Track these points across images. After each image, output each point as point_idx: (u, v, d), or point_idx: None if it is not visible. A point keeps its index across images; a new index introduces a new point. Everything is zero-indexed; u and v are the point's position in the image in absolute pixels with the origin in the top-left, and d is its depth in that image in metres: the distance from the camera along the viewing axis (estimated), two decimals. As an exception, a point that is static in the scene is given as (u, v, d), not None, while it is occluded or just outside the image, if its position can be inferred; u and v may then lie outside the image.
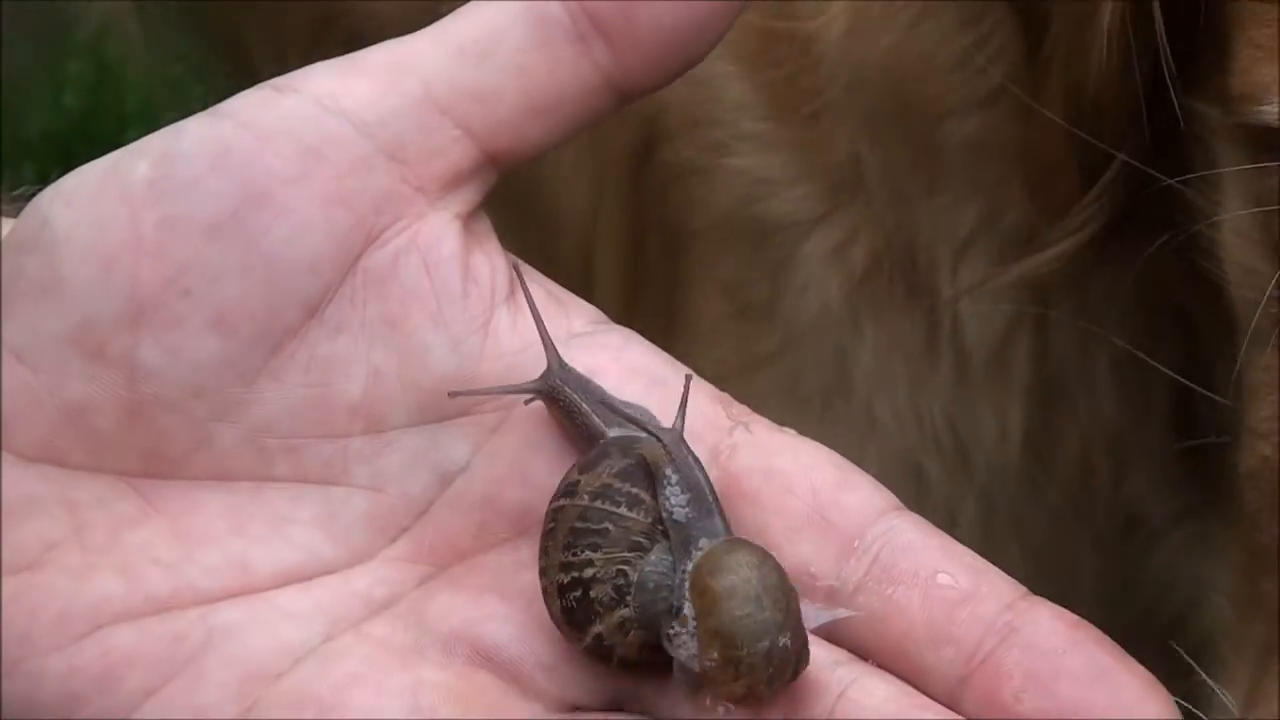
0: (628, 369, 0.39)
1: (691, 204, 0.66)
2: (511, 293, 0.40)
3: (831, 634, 0.37)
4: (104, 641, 0.37)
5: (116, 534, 0.38)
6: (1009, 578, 0.36)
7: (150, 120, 1.10)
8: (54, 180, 0.39)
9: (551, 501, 0.37)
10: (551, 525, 0.37)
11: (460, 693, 0.37)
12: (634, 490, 0.37)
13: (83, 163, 0.39)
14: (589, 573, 0.36)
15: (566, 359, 0.39)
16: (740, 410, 0.39)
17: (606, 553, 0.36)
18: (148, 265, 0.37)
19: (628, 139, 0.69)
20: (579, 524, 0.37)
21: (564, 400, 0.38)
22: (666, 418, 0.38)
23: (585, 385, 0.38)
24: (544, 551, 0.37)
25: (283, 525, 0.39)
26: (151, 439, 0.38)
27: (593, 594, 0.36)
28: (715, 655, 0.35)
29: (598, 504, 0.37)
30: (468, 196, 0.40)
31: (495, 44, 0.39)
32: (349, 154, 0.38)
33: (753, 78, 0.63)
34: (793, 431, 0.39)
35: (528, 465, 0.39)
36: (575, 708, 0.37)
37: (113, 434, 0.38)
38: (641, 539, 0.37)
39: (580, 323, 0.40)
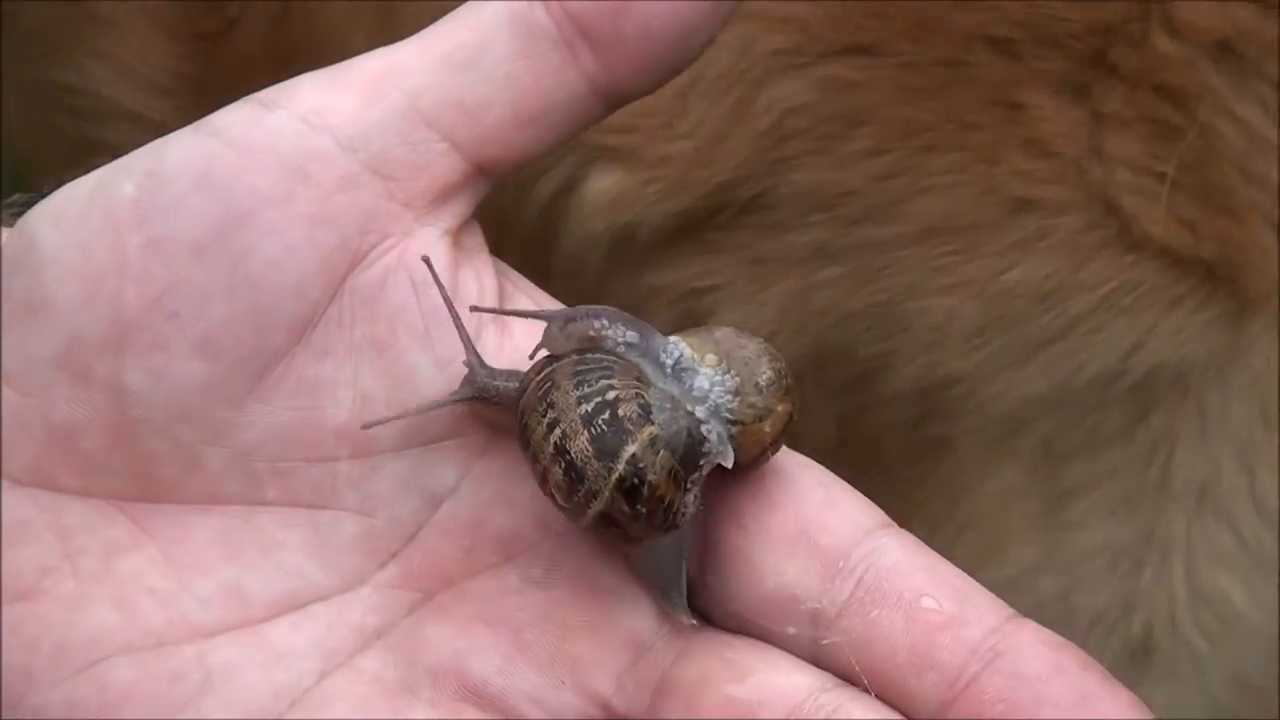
0: None
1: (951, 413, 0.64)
2: (500, 305, 0.40)
3: (817, 658, 0.36)
4: (102, 677, 0.37)
5: (109, 561, 0.38)
6: (995, 599, 0.36)
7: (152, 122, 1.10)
8: (46, 192, 0.39)
9: (532, 380, 0.37)
10: (546, 386, 0.36)
11: None
12: (600, 353, 0.37)
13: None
14: (611, 395, 0.36)
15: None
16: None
17: (621, 378, 0.36)
18: (133, 287, 0.37)
19: (830, 381, 0.68)
20: (580, 367, 0.37)
21: (496, 394, 0.38)
22: None
23: (515, 375, 0.38)
24: (545, 409, 0.36)
25: (274, 551, 0.39)
26: (140, 462, 0.38)
27: (621, 412, 0.36)
28: (772, 388, 0.37)
29: (587, 356, 0.37)
30: (457, 210, 0.39)
31: (481, 53, 0.38)
32: (334, 172, 0.38)
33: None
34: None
35: (514, 489, 0.38)
36: None
37: (101, 457, 0.38)
38: (637, 375, 0.37)
39: None
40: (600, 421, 0.36)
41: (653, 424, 0.36)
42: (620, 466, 0.36)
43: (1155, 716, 0.34)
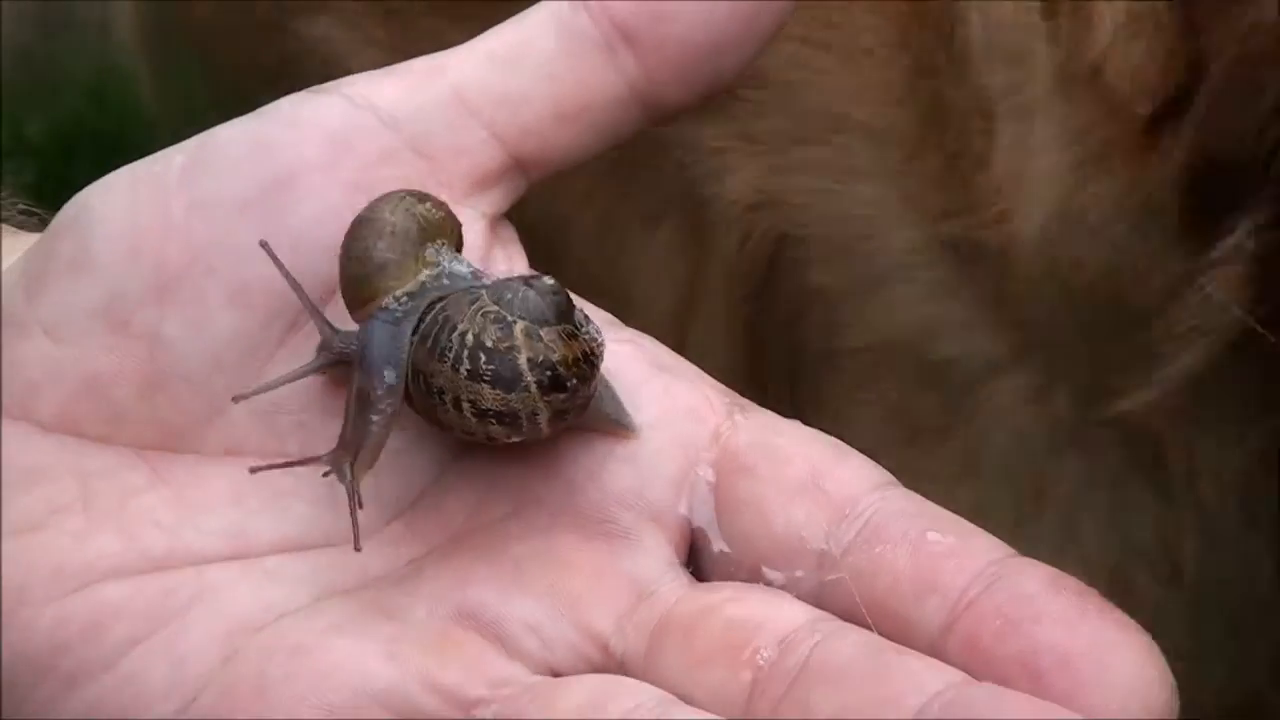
0: (634, 353, 0.40)
1: (839, 327, 0.67)
2: None
3: (820, 599, 0.36)
4: (95, 594, 0.38)
5: (122, 501, 0.39)
6: (1000, 541, 0.36)
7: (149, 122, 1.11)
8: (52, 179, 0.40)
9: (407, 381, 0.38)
10: (422, 376, 0.38)
11: (439, 646, 0.37)
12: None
13: (81, 162, 0.41)
14: (468, 337, 0.37)
15: None
16: (745, 401, 0.40)
17: (456, 311, 0.38)
18: (175, 244, 0.39)
19: (746, 258, 0.69)
20: (431, 334, 0.38)
21: (351, 358, 0.39)
22: (666, 410, 0.39)
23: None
24: (439, 394, 0.37)
25: (285, 500, 0.39)
26: (167, 411, 0.39)
27: (488, 343, 0.37)
28: None
29: (422, 323, 0.38)
30: (494, 200, 0.41)
31: (524, 52, 0.40)
32: (376, 145, 0.40)
33: (926, 229, 0.64)
34: (796, 421, 0.39)
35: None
36: (556, 672, 0.37)
37: (130, 405, 0.39)
38: (466, 299, 0.38)
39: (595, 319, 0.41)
40: (485, 368, 0.37)
41: (514, 320, 0.37)
42: (530, 378, 0.37)
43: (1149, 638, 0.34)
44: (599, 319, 0.40)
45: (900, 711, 0.33)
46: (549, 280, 0.38)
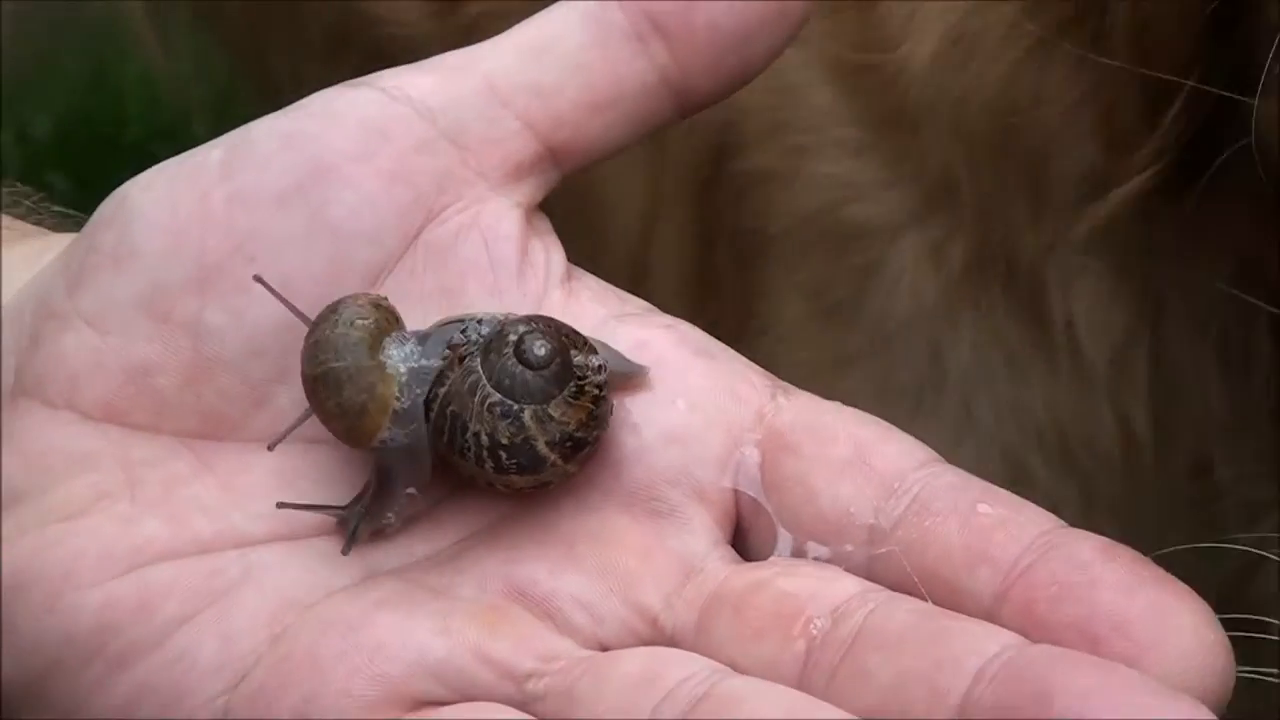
0: (677, 339, 0.40)
1: (770, 209, 0.67)
2: (568, 278, 0.41)
3: (870, 573, 0.36)
4: (144, 576, 0.38)
5: (169, 489, 0.39)
6: (1049, 513, 0.36)
7: (155, 123, 1.11)
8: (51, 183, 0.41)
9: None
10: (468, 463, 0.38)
11: (490, 621, 0.37)
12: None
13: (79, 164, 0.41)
14: (484, 438, 0.38)
15: (617, 337, 0.39)
16: (786, 384, 0.40)
17: (472, 412, 0.38)
18: (216, 235, 0.39)
19: (693, 149, 0.69)
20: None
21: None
22: (709, 392, 0.39)
23: None
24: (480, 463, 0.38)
25: (331, 485, 0.39)
26: (211, 399, 0.39)
27: (512, 440, 0.38)
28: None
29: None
30: (528, 190, 0.41)
31: (555, 43, 0.41)
32: (412, 135, 0.40)
33: (840, 85, 0.64)
34: (837, 403, 0.39)
35: None
36: (606, 647, 0.37)
37: (174, 395, 0.39)
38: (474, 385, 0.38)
39: (632, 307, 0.41)
40: (509, 463, 0.37)
41: (520, 409, 0.37)
42: (554, 455, 0.37)
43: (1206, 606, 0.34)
44: (637, 309, 0.41)
45: (959, 674, 0.33)
46: (539, 344, 0.38)
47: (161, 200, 0.40)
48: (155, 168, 0.41)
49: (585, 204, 0.41)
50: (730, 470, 0.38)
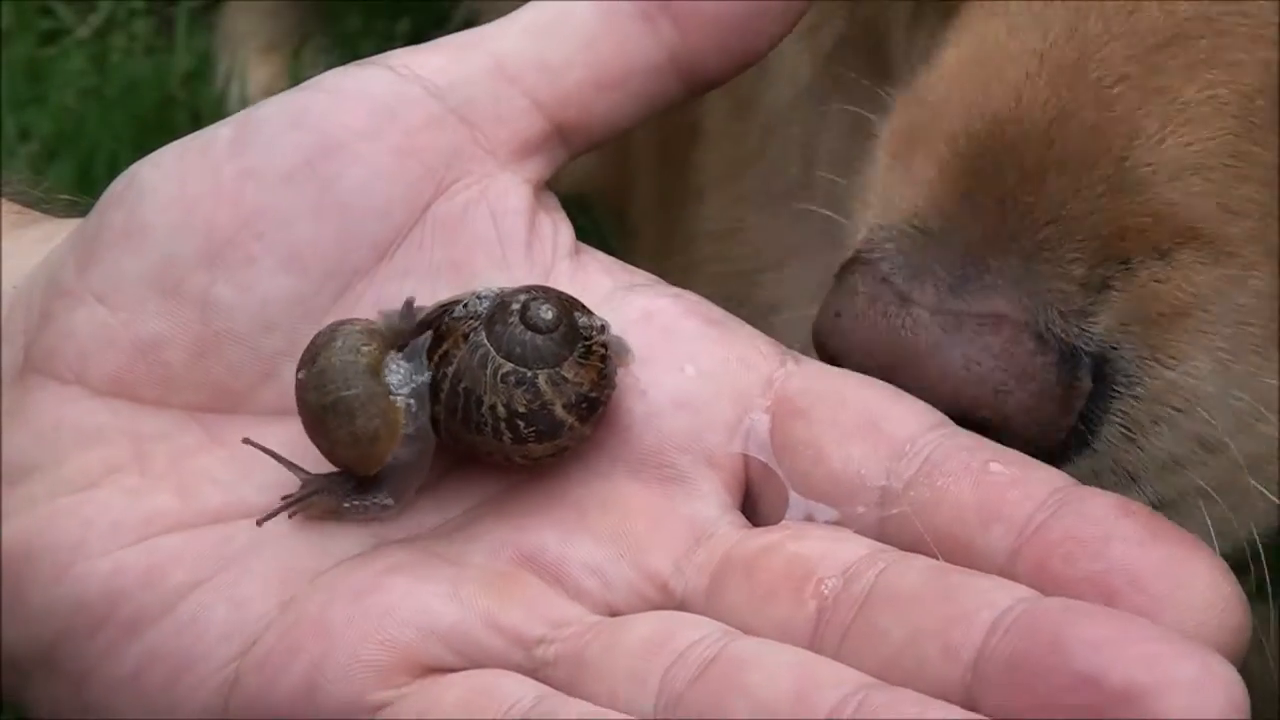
0: (685, 309, 0.40)
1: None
2: (576, 252, 0.41)
3: (882, 535, 0.36)
4: (153, 546, 0.38)
5: (177, 462, 0.39)
6: (1061, 471, 0.36)
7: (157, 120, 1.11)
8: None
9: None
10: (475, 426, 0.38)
11: (500, 587, 0.37)
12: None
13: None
14: (501, 409, 0.38)
15: (626, 306, 0.40)
16: (795, 352, 0.40)
17: (486, 384, 0.38)
18: (225, 210, 0.39)
19: None
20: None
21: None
22: (718, 359, 0.39)
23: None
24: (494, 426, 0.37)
25: None
26: (220, 373, 0.39)
27: (528, 405, 0.37)
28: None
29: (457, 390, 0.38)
30: (536, 167, 0.41)
31: (562, 22, 0.41)
32: (421, 113, 0.40)
33: None
34: (845, 370, 0.39)
35: None
36: (616, 612, 0.37)
37: (182, 369, 0.39)
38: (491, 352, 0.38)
39: (640, 278, 0.41)
40: (527, 431, 0.37)
41: (534, 374, 0.37)
42: (571, 418, 0.37)
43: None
44: (645, 280, 0.41)
45: (972, 629, 0.33)
46: (544, 308, 0.38)
47: (171, 177, 0.40)
48: (165, 147, 0.41)
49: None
50: (740, 436, 0.38)
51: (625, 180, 0.79)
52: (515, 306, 0.38)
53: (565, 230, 0.41)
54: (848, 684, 0.33)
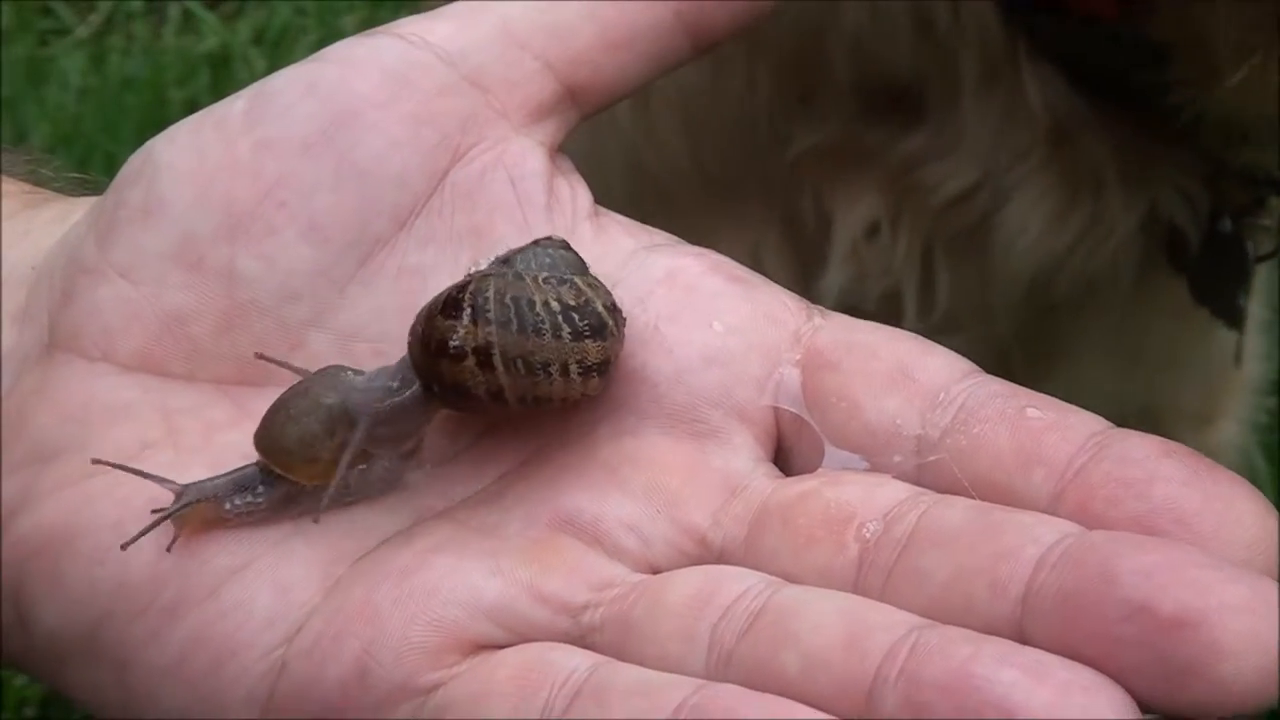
0: (709, 266, 0.40)
1: None
2: (595, 214, 0.41)
3: (920, 482, 0.36)
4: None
5: (209, 436, 0.39)
6: (1098, 416, 0.36)
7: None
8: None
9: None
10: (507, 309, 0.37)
11: (540, 556, 0.37)
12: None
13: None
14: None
15: (649, 265, 0.39)
16: (821, 308, 0.40)
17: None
18: (244, 182, 0.39)
19: None
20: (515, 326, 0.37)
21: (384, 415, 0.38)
22: (745, 315, 0.39)
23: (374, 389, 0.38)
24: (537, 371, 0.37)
25: None
26: (246, 345, 0.39)
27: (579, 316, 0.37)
28: None
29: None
30: (550, 130, 0.41)
31: None
32: (434, 79, 0.40)
33: None
34: (874, 322, 0.39)
35: None
36: (656, 569, 0.37)
37: (209, 342, 0.39)
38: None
39: (661, 238, 0.41)
40: (583, 325, 0.37)
41: (570, 277, 0.38)
42: (611, 321, 0.38)
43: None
44: (666, 240, 0.41)
45: (1019, 564, 0.33)
46: (551, 241, 0.38)
47: (188, 152, 0.40)
48: (179, 123, 0.41)
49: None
50: (770, 389, 0.38)
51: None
52: (525, 245, 0.38)
53: (583, 192, 0.41)
54: (899, 626, 0.33)
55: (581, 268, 0.38)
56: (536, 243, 0.38)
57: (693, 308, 0.39)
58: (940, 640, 0.32)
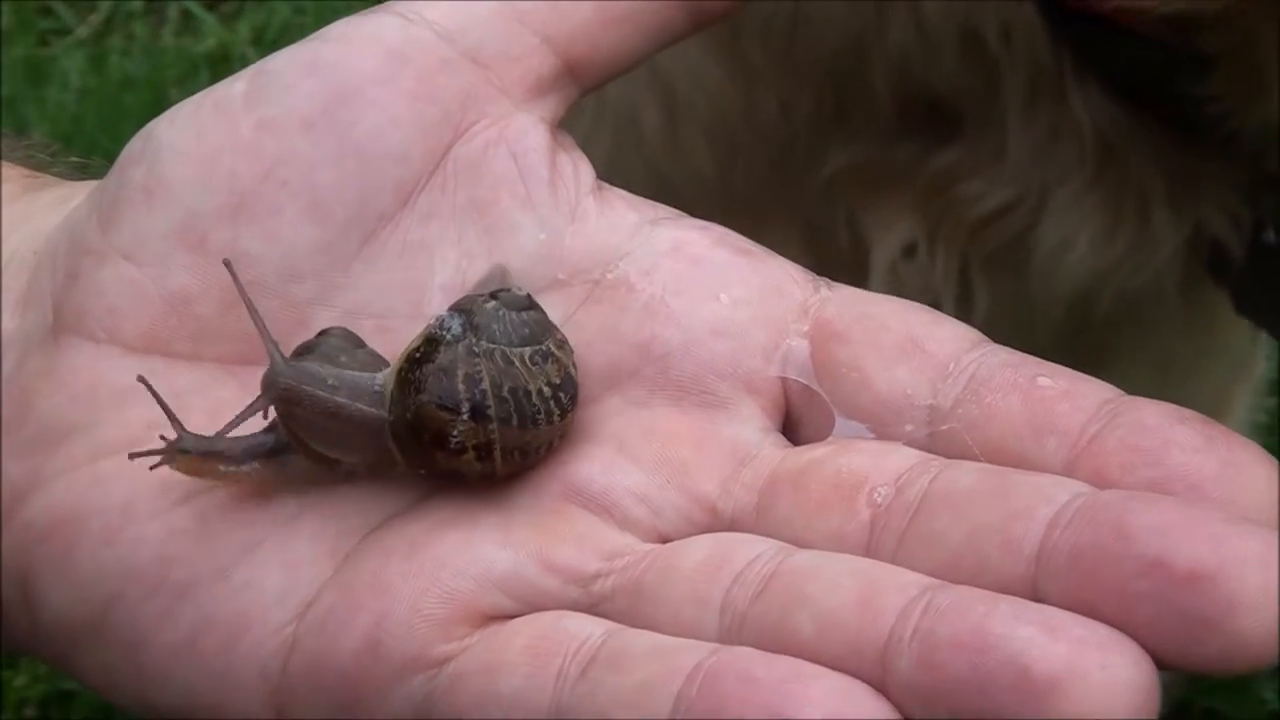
0: (715, 239, 0.40)
1: None
2: (598, 189, 0.41)
3: (932, 450, 0.36)
4: (202, 505, 0.37)
5: (215, 416, 0.38)
6: (1109, 385, 0.36)
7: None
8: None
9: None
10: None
11: (550, 526, 0.36)
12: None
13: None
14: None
15: (655, 239, 0.39)
16: (827, 280, 0.40)
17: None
18: (246, 162, 0.39)
19: None
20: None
21: (307, 400, 0.37)
22: (751, 287, 0.39)
23: (318, 375, 0.38)
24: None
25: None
26: (251, 324, 0.39)
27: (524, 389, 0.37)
28: None
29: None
30: (550, 106, 0.41)
31: None
32: (433, 56, 0.40)
33: None
34: (881, 294, 0.39)
35: (619, 321, 0.39)
36: (666, 538, 0.37)
37: (214, 321, 0.39)
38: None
39: (665, 212, 0.41)
40: (569, 399, 0.37)
41: (548, 346, 0.37)
42: (578, 375, 0.38)
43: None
44: (670, 214, 0.40)
45: (1033, 523, 0.33)
46: (512, 293, 0.38)
47: (189, 132, 0.40)
48: (179, 105, 0.41)
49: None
50: (778, 360, 0.38)
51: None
52: (487, 304, 0.37)
53: (585, 168, 0.41)
54: (912, 587, 0.33)
55: (549, 326, 0.38)
56: (496, 296, 0.38)
57: (700, 280, 0.39)
58: (954, 599, 0.32)
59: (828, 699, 0.31)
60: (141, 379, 0.38)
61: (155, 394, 0.38)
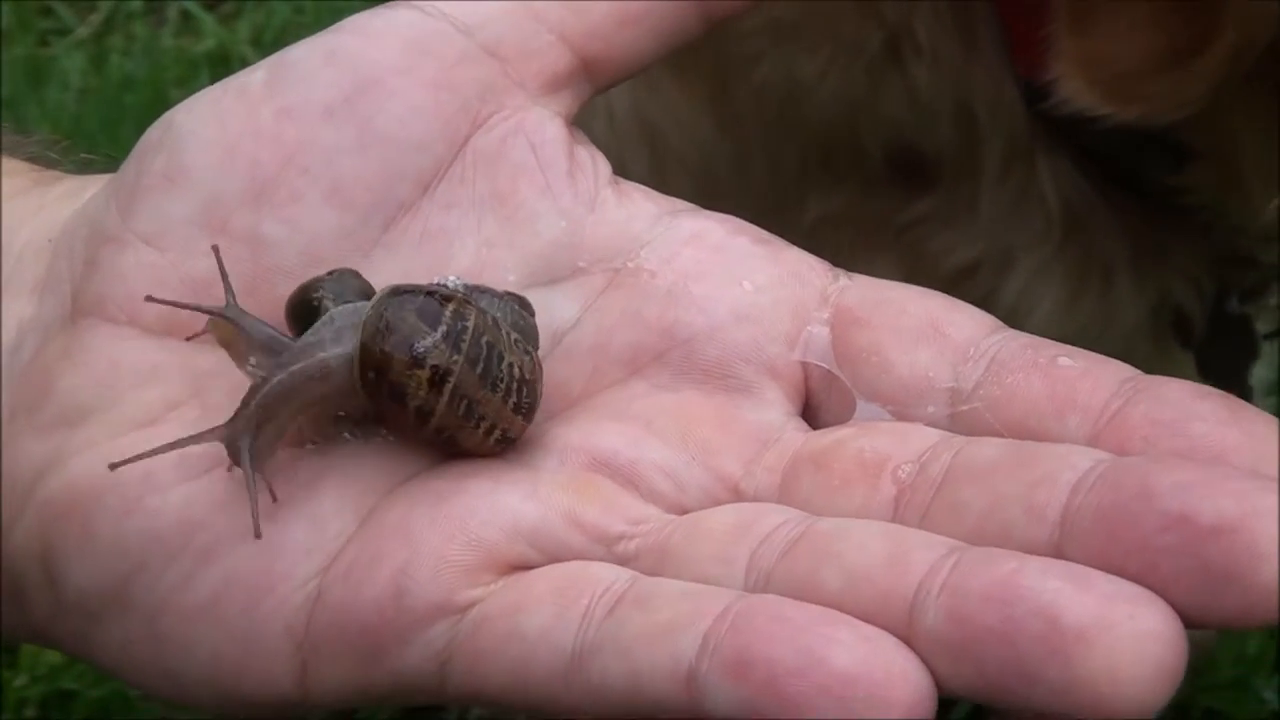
0: (734, 229, 0.40)
1: None
2: (615, 182, 0.41)
3: (954, 431, 0.36)
4: (222, 474, 0.38)
5: (236, 395, 0.38)
6: (1128, 365, 0.36)
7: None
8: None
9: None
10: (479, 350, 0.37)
11: (576, 488, 0.37)
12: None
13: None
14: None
15: (675, 228, 0.40)
16: (844, 270, 0.40)
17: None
18: (267, 149, 0.39)
19: None
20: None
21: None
22: (772, 275, 0.39)
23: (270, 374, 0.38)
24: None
25: None
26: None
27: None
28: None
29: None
30: (565, 101, 0.41)
31: None
32: (452, 49, 0.40)
33: None
34: (899, 282, 0.40)
35: (642, 305, 0.39)
36: (689, 512, 0.37)
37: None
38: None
39: (682, 205, 0.41)
40: (525, 402, 0.37)
41: (528, 350, 0.38)
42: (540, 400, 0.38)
43: None
44: (687, 206, 0.41)
45: (1056, 489, 0.33)
46: (522, 299, 0.39)
47: (209, 120, 0.40)
48: (199, 93, 0.41)
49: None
50: (799, 346, 0.39)
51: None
52: (504, 292, 0.38)
53: (602, 161, 0.41)
54: (939, 547, 0.33)
55: (536, 342, 0.38)
56: (510, 294, 0.39)
57: (721, 267, 0.39)
58: (983, 555, 0.32)
59: (857, 645, 0.31)
60: (214, 249, 0.38)
61: (217, 254, 0.38)
